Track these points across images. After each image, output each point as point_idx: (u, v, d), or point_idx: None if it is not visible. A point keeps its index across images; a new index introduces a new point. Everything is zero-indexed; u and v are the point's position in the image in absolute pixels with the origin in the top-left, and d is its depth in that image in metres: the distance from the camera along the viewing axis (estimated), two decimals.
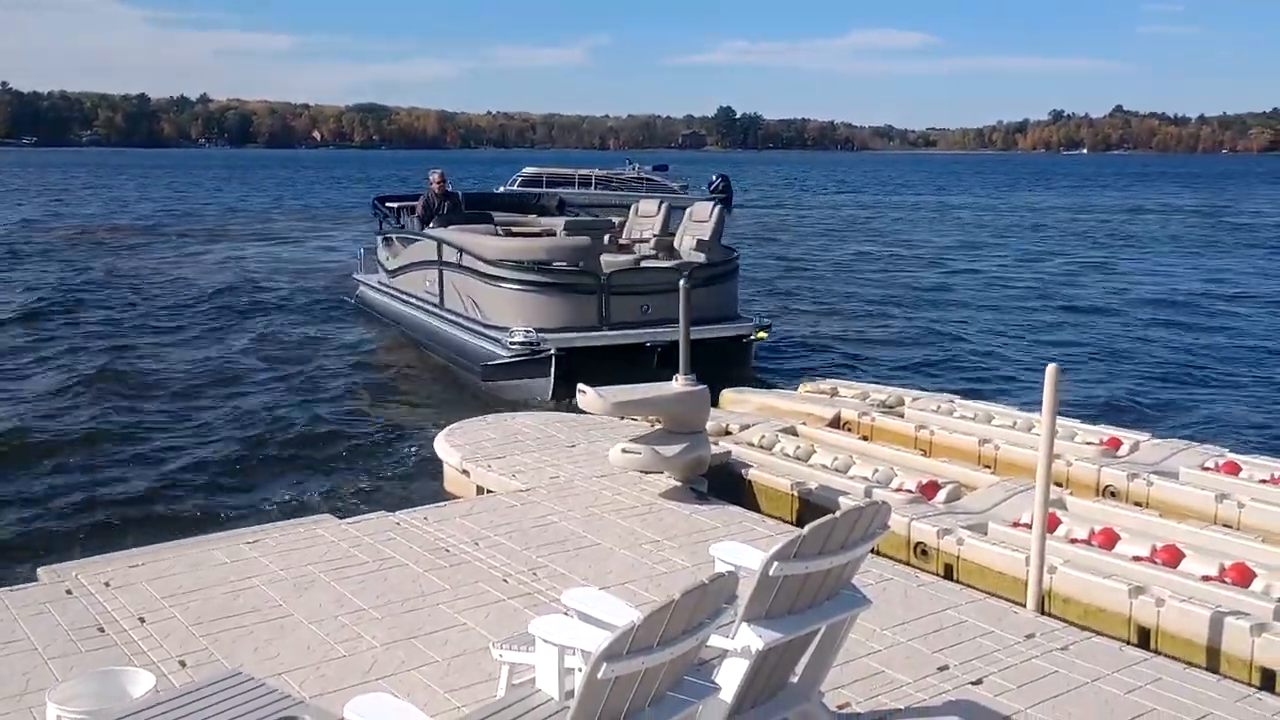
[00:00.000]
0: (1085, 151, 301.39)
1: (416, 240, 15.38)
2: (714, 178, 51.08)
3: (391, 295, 16.51)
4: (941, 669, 4.98)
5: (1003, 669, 4.98)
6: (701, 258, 12.93)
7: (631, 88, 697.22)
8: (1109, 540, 6.91)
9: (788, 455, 8.88)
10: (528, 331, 11.81)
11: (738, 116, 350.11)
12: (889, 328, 19.21)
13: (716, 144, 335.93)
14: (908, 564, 6.96)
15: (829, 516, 3.56)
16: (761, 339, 12.64)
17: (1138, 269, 29.36)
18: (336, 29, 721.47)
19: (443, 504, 7.72)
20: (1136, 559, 6.56)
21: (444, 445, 9.09)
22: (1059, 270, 28.71)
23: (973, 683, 4.85)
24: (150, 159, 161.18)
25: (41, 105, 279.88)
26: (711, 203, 13.51)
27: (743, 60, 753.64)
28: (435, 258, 14.18)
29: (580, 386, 7.88)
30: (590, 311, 12.26)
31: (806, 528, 3.52)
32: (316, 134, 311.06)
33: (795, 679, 4.02)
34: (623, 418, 9.06)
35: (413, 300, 15.27)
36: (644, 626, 2.89)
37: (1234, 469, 8.33)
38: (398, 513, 7.31)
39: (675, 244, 13.42)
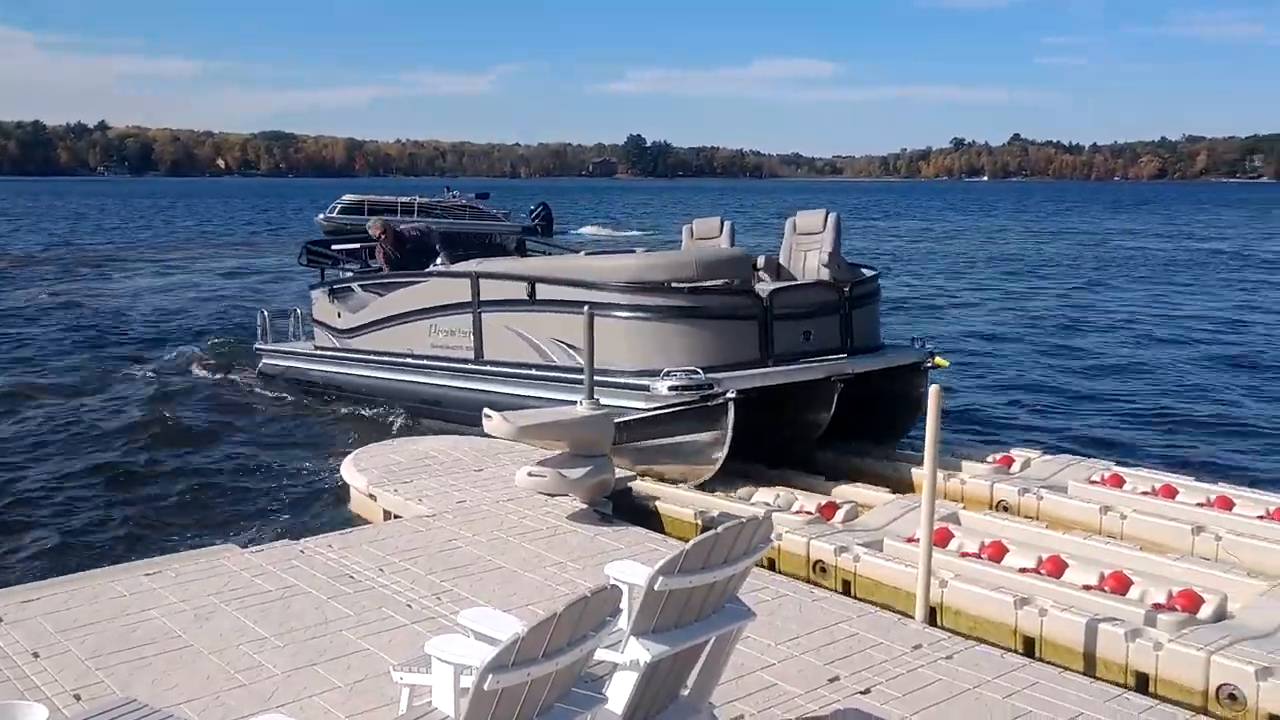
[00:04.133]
0: (986, 179, 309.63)
1: (415, 283, 12.08)
2: (534, 206, 51.21)
3: (355, 361, 13.15)
4: (832, 680, 5.16)
5: (890, 678, 5.17)
6: (827, 277, 10.39)
7: (542, 116, 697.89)
8: (998, 553, 7.20)
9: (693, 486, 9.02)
10: (692, 373, 8.92)
11: (648, 144, 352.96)
12: None
13: (627, 172, 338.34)
14: (808, 581, 7.15)
15: (711, 532, 3.70)
16: (942, 367, 10.35)
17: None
18: (240, 55, 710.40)
19: (348, 530, 7.72)
20: (1023, 570, 6.85)
21: (351, 469, 9.10)
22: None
23: (861, 692, 5.03)
24: (61, 187, 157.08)
25: None
26: (824, 210, 10.97)
27: (652, 89, 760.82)
28: (467, 299, 11.15)
29: (486, 411, 7.95)
30: (750, 342, 9.45)
31: (689, 543, 3.66)
32: (221, 162, 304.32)
33: (686, 692, 4.15)
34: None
35: (411, 362, 12.09)
36: (528, 639, 3.00)
37: (1119, 481, 8.73)
38: (302, 540, 7.31)
39: (783, 261, 11.02)
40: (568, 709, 3.35)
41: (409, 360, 12.09)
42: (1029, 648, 6.13)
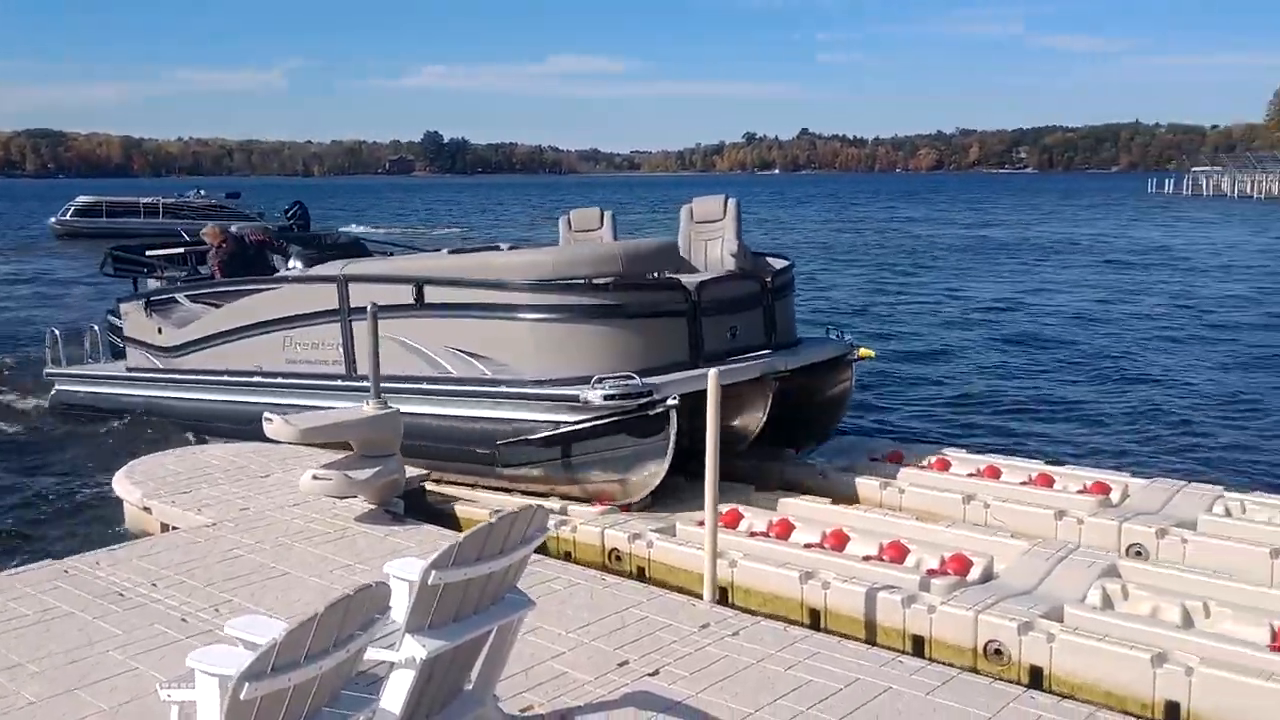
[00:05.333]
0: (778, 172, 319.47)
1: (262, 290, 10.57)
2: (288, 206, 50.61)
3: (183, 384, 11.45)
4: (621, 664, 5.18)
5: (678, 659, 5.23)
6: (733, 268, 9.44)
7: (335, 112, 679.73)
8: (785, 531, 7.41)
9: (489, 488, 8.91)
10: (627, 379, 7.90)
11: (445, 141, 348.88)
12: None
13: (425, 169, 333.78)
14: (604, 569, 7.18)
15: (485, 523, 3.66)
16: (868, 358, 9.74)
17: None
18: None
19: (117, 546, 7.27)
20: (808, 546, 7.08)
21: (124, 483, 8.59)
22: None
23: (650, 674, 5.07)
24: None
25: None
26: (723, 196, 10.01)
27: (447, 84, 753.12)
28: (333, 306, 9.71)
29: (266, 415, 7.64)
30: (680, 342, 8.49)
31: (463, 535, 3.60)
32: None
33: (470, 686, 4.09)
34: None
35: (262, 381, 10.45)
36: (286, 642, 2.88)
37: (899, 458, 9.16)
38: (66, 559, 6.84)
39: (683, 252, 9.93)
40: (336, 713, 3.24)
41: (258, 379, 10.47)
42: (815, 620, 6.33)
